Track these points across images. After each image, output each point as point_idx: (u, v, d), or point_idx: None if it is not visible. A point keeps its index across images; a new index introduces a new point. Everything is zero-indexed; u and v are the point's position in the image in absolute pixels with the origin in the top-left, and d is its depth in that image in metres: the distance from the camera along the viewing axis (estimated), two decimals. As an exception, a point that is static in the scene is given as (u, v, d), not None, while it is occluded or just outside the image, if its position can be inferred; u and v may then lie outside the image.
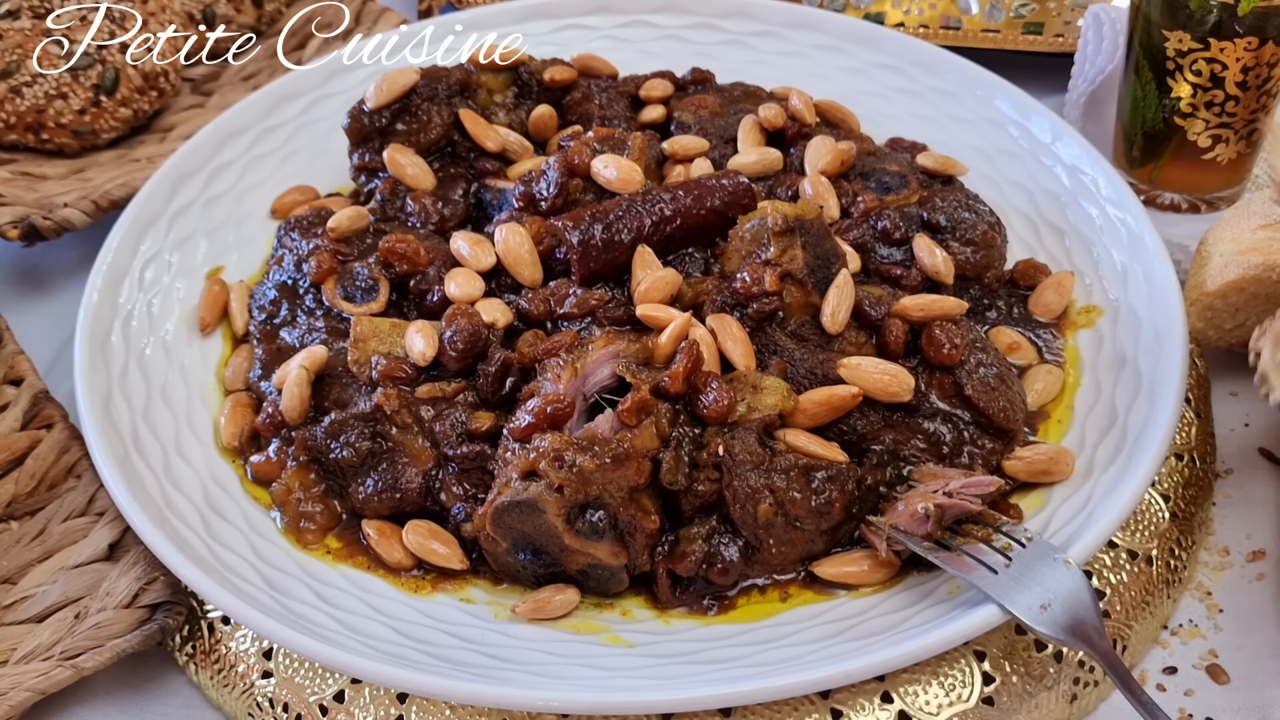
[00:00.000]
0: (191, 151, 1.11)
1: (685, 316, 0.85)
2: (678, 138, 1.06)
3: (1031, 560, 0.76)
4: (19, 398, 1.00)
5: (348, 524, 0.88)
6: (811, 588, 0.82)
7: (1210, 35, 1.03)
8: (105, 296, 0.99)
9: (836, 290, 0.88)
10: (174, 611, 0.85)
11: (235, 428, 0.93)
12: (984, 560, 0.76)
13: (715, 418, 0.81)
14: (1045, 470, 0.86)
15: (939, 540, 0.78)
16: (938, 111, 1.17)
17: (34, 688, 0.81)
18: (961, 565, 0.76)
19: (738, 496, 0.79)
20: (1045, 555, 0.76)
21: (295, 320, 0.98)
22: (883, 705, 0.78)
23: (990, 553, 0.77)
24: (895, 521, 0.79)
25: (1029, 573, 0.75)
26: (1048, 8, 1.31)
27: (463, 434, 0.86)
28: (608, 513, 0.78)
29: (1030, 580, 0.75)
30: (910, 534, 0.79)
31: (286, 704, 0.81)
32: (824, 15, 1.24)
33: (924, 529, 0.78)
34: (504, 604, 0.82)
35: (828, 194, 1.00)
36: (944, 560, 0.77)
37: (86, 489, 0.94)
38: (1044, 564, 0.75)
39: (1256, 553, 0.91)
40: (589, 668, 0.77)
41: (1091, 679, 0.82)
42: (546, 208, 0.97)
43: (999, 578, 0.75)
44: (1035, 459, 0.86)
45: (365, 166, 1.07)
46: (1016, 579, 0.75)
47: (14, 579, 0.89)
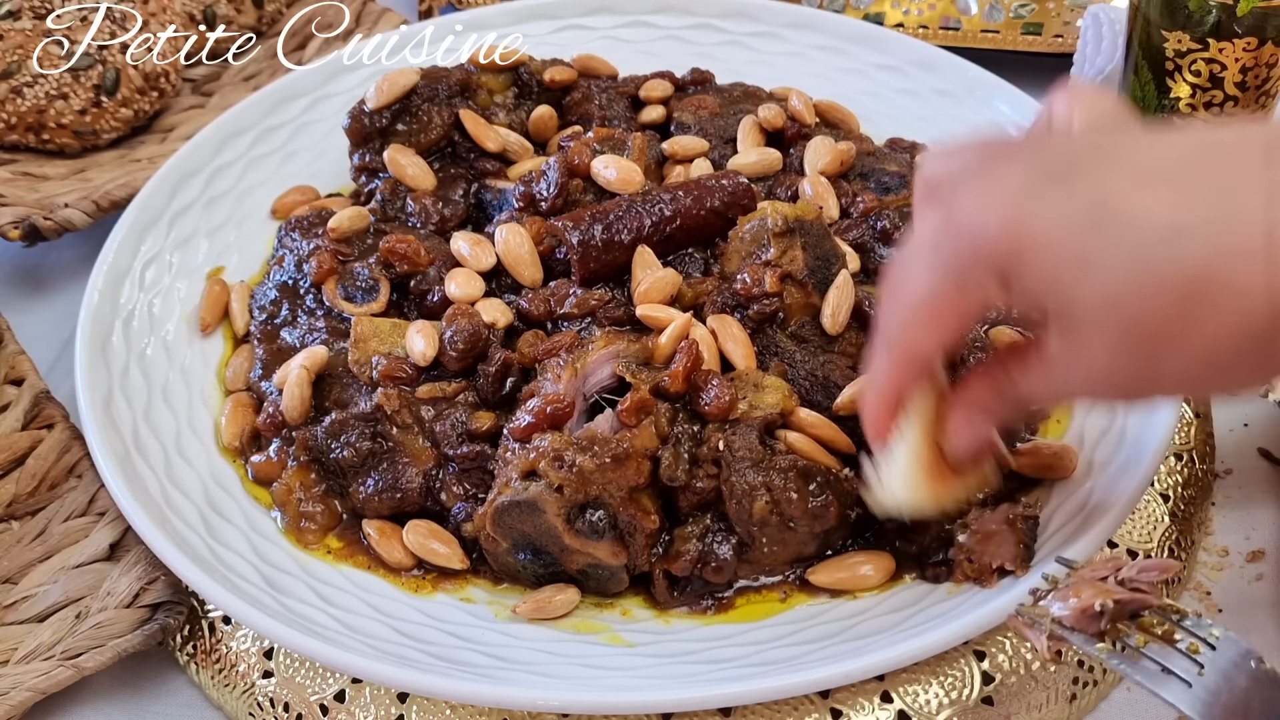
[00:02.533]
0: (192, 152, 1.11)
1: (685, 317, 0.85)
2: (677, 138, 1.07)
3: (1226, 667, 0.65)
4: (20, 398, 1.00)
5: (348, 524, 0.88)
6: (806, 589, 0.83)
7: (1209, 36, 1.03)
8: (106, 297, 0.99)
9: (837, 291, 0.88)
10: (175, 611, 0.85)
11: (236, 428, 0.93)
12: (1173, 668, 0.65)
13: (716, 414, 0.81)
14: (1049, 465, 0.86)
15: (1116, 638, 0.67)
16: (937, 112, 1.17)
17: (35, 687, 0.81)
18: (1148, 674, 0.65)
19: (735, 492, 0.79)
20: (1241, 661, 0.65)
21: (296, 320, 0.98)
22: (882, 705, 0.78)
23: (1177, 656, 0.65)
24: (1061, 617, 0.68)
25: (1228, 686, 0.64)
26: (1047, 8, 1.31)
27: (463, 434, 0.86)
28: (608, 512, 0.78)
29: (1233, 700, 0.64)
30: (1079, 631, 0.68)
31: (287, 704, 0.81)
32: (824, 16, 1.24)
33: (1097, 626, 0.67)
34: (504, 604, 0.82)
35: (827, 194, 1.00)
36: (1127, 667, 0.66)
37: (87, 489, 0.94)
38: (1241, 674, 0.65)
39: (1256, 553, 0.91)
40: (589, 667, 0.77)
41: (1091, 678, 0.82)
42: (546, 208, 0.97)
43: (1195, 693, 0.64)
44: (1040, 453, 0.86)
45: (365, 167, 1.07)
46: (1215, 694, 0.64)
47: (15, 579, 0.89)
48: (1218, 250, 0.57)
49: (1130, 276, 0.59)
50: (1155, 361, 0.61)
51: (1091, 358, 0.63)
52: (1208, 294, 0.58)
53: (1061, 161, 0.63)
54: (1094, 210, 0.60)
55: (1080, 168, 0.61)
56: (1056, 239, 0.61)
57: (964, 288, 0.65)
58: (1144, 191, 0.59)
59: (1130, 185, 0.59)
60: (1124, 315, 0.60)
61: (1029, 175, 0.63)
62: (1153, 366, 0.62)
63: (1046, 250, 0.61)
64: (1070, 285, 0.61)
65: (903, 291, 0.69)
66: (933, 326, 0.68)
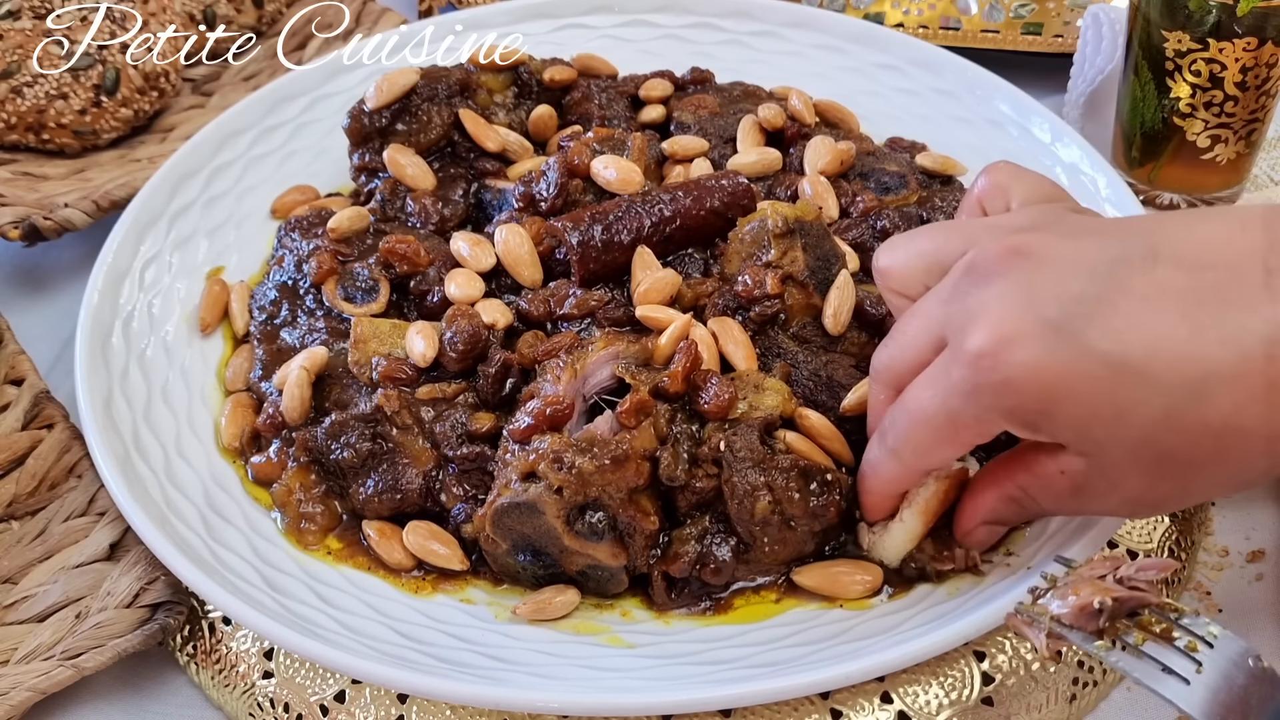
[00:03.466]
0: (192, 151, 1.11)
1: (685, 318, 0.85)
2: (677, 138, 1.07)
3: (1225, 665, 0.65)
4: (20, 398, 1.01)
5: (348, 525, 0.88)
6: (795, 594, 0.83)
7: (1209, 36, 1.03)
8: (106, 297, 0.99)
9: (837, 291, 0.88)
10: (175, 611, 0.85)
11: (236, 428, 0.93)
12: (1172, 666, 0.65)
13: (715, 413, 0.81)
14: None
15: (1115, 637, 0.67)
16: (937, 111, 1.17)
17: (35, 687, 0.81)
18: (1147, 672, 0.65)
19: (736, 492, 0.79)
20: (1239, 659, 0.65)
21: (296, 321, 0.98)
22: (882, 705, 0.78)
23: (1176, 655, 0.66)
24: (1060, 615, 0.68)
25: (1227, 684, 0.64)
26: (1047, 8, 1.31)
27: (463, 435, 0.86)
28: (607, 514, 0.78)
29: (1232, 698, 0.64)
30: (1078, 629, 0.68)
31: (287, 704, 0.81)
32: (824, 15, 1.24)
33: (1096, 624, 0.67)
34: (504, 605, 0.82)
35: (827, 194, 1.00)
36: (1125, 665, 0.66)
37: (87, 489, 0.94)
38: (1240, 671, 0.65)
39: (1256, 553, 0.91)
40: (589, 669, 0.77)
41: (1090, 679, 0.82)
42: (546, 208, 0.97)
43: (1193, 690, 0.64)
44: None
45: (365, 166, 1.07)
46: (1213, 692, 0.64)
47: (15, 579, 0.89)
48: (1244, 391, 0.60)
49: (1164, 423, 0.62)
50: (1189, 485, 0.65)
51: (1127, 489, 0.66)
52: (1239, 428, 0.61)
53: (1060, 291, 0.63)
54: (1118, 361, 0.61)
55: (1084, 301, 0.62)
56: (1085, 391, 0.62)
57: (982, 422, 0.67)
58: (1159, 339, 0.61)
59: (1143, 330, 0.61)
60: (1158, 452, 0.63)
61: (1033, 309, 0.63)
62: (1186, 489, 0.65)
63: (1077, 402, 0.63)
64: (1103, 433, 0.63)
65: (915, 410, 0.69)
66: (946, 447, 0.70)
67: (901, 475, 0.75)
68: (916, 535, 0.79)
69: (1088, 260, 0.64)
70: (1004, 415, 0.65)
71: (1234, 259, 0.62)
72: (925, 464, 0.73)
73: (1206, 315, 0.61)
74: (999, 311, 0.64)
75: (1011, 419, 0.65)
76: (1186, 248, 0.63)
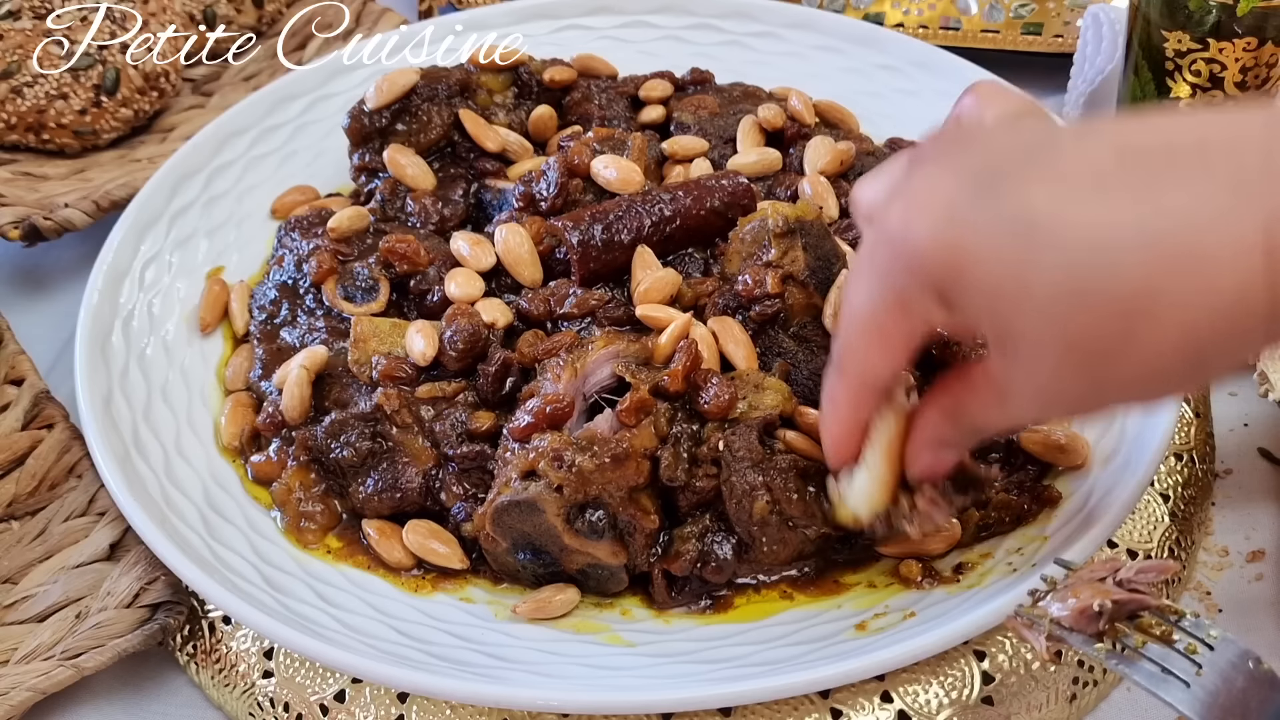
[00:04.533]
0: (192, 151, 1.11)
1: (685, 317, 0.85)
2: (677, 138, 1.07)
3: (1224, 668, 0.64)
4: (20, 398, 1.00)
5: (348, 524, 0.88)
6: (808, 589, 0.83)
7: (1209, 36, 1.03)
8: (106, 296, 0.99)
9: (838, 291, 0.88)
10: (175, 611, 0.85)
11: (236, 428, 0.93)
12: (1172, 668, 0.64)
13: (715, 413, 0.81)
14: (1061, 448, 0.86)
15: (1114, 639, 0.66)
16: (937, 112, 1.16)
17: (35, 687, 0.81)
18: (1147, 675, 0.65)
19: (735, 492, 0.79)
20: (1239, 661, 0.65)
21: (296, 320, 0.98)
22: (882, 705, 0.78)
23: (1176, 657, 0.65)
24: (1060, 617, 0.68)
25: (1226, 686, 0.64)
26: (1047, 8, 1.31)
27: (463, 434, 0.86)
28: (607, 512, 0.78)
29: (1231, 700, 0.63)
30: (1078, 631, 0.67)
31: (287, 703, 0.81)
32: (823, 16, 1.24)
33: (1095, 627, 0.67)
34: (504, 604, 0.82)
35: (827, 194, 1.00)
36: (1125, 668, 0.66)
37: (87, 489, 0.94)
38: (1239, 674, 0.64)
39: (1256, 553, 0.91)
40: (589, 667, 0.77)
41: (1091, 678, 0.82)
42: (546, 208, 0.97)
43: (1193, 693, 0.64)
44: (1051, 436, 0.86)
45: (365, 167, 1.07)
46: (1213, 694, 0.64)
47: (15, 579, 0.89)
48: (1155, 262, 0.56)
49: (1067, 295, 0.57)
50: (1101, 377, 0.60)
51: (1036, 378, 0.62)
52: (1148, 308, 0.56)
53: (983, 166, 0.61)
54: (1023, 224, 0.58)
55: (1003, 174, 0.60)
56: (990, 254, 0.59)
57: (904, 305, 0.64)
58: (1070, 203, 0.57)
59: (1055, 195, 0.58)
60: (1064, 333, 0.59)
61: (953, 181, 0.61)
62: (1099, 383, 0.60)
63: (981, 266, 0.59)
64: (1009, 304, 0.59)
65: (847, 314, 0.68)
66: (879, 347, 0.67)
67: (848, 395, 0.71)
68: (884, 480, 0.74)
69: (1019, 141, 0.62)
70: (919, 288, 0.62)
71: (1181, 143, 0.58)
72: (865, 373, 0.69)
73: (1127, 191, 0.57)
74: (915, 187, 0.62)
75: (926, 291, 0.62)
76: (1122, 132, 0.61)
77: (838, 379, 0.71)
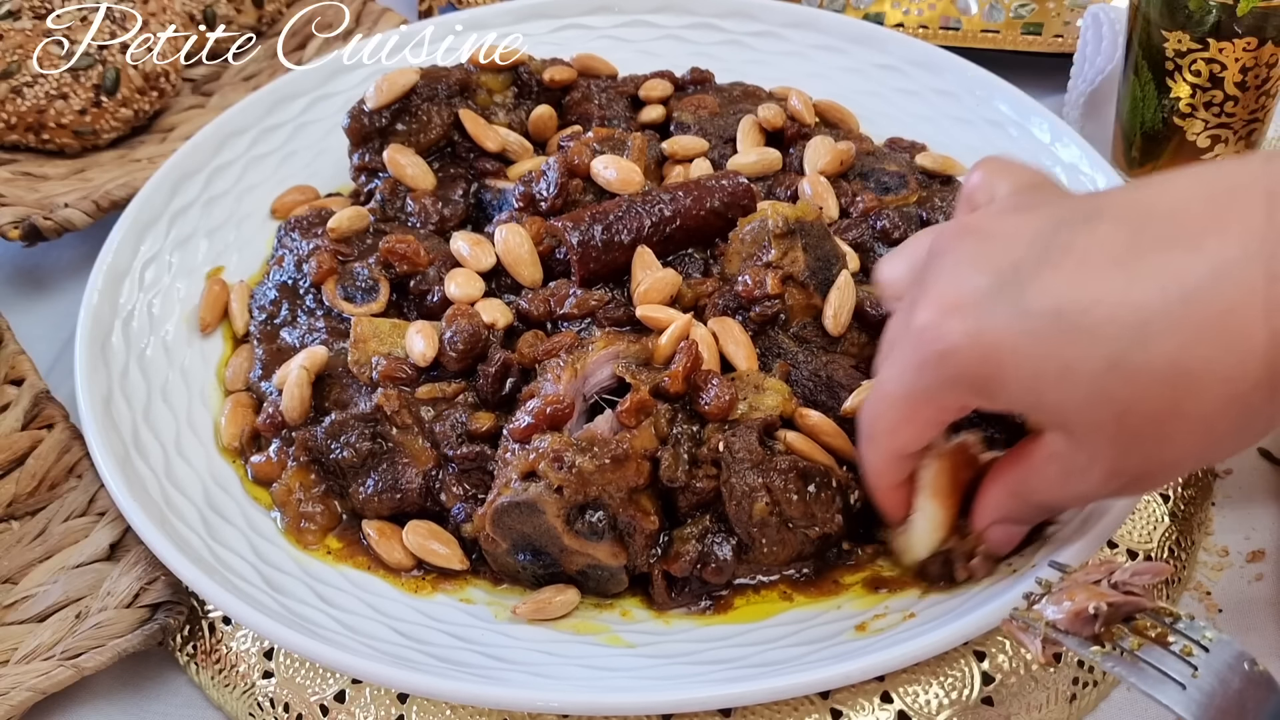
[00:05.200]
0: (191, 151, 1.11)
1: (685, 318, 0.85)
2: (677, 138, 1.07)
3: (1220, 669, 0.64)
4: (20, 398, 1.00)
5: (348, 524, 0.88)
6: (808, 590, 0.83)
7: (1209, 35, 1.03)
8: (106, 297, 0.99)
9: (838, 292, 0.88)
10: (175, 611, 0.85)
11: (236, 428, 0.93)
12: (1167, 670, 0.64)
13: (716, 414, 0.81)
14: None
15: (1110, 641, 0.66)
16: (937, 112, 1.17)
17: (35, 687, 0.81)
18: (1143, 676, 0.65)
19: (734, 493, 0.79)
20: (1234, 662, 0.65)
21: (295, 320, 0.98)
22: (882, 705, 0.78)
23: (1172, 659, 0.65)
24: (1056, 620, 0.68)
25: (1222, 688, 0.64)
26: (1047, 8, 1.31)
27: (463, 434, 0.86)
28: (607, 513, 0.78)
29: (1227, 702, 0.63)
30: (1073, 634, 0.67)
31: (287, 704, 0.81)
32: (824, 15, 1.24)
33: (1091, 629, 0.67)
34: (504, 604, 0.82)
35: (827, 194, 1.00)
36: (1121, 670, 0.66)
37: (87, 489, 0.94)
38: (1235, 675, 0.64)
39: (1256, 553, 0.91)
40: (589, 668, 0.77)
41: (1090, 679, 0.82)
42: (546, 208, 0.97)
43: (1189, 695, 0.64)
44: None
45: (365, 166, 1.07)
46: (1209, 696, 0.64)
47: (15, 579, 0.89)
48: (1186, 329, 0.58)
49: (1109, 373, 0.60)
50: (1158, 447, 0.63)
51: (1104, 461, 0.65)
52: (1188, 374, 0.59)
53: (1004, 259, 0.63)
54: (1051, 315, 0.61)
55: (1023, 266, 0.62)
56: (1025, 349, 0.62)
57: (935, 398, 0.67)
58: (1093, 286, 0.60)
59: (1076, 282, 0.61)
60: (1114, 411, 0.61)
61: (977, 279, 0.64)
62: (1157, 452, 0.63)
63: (1018, 361, 0.62)
64: (1054, 391, 0.62)
65: (878, 390, 0.71)
66: (909, 427, 0.71)
67: (882, 462, 0.74)
68: (938, 520, 0.77)
69: (1031, 229, 0.64)
70: (952, 385, 0.65)
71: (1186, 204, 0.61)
72: (896, 446, 0.73)
73: (1145, 264, 0.60)
74: (941, 285, 0.65)
75: (960, 388, 0.65)
76: (1130, 205, 0.63)
77: (870, 449, 0.74)
